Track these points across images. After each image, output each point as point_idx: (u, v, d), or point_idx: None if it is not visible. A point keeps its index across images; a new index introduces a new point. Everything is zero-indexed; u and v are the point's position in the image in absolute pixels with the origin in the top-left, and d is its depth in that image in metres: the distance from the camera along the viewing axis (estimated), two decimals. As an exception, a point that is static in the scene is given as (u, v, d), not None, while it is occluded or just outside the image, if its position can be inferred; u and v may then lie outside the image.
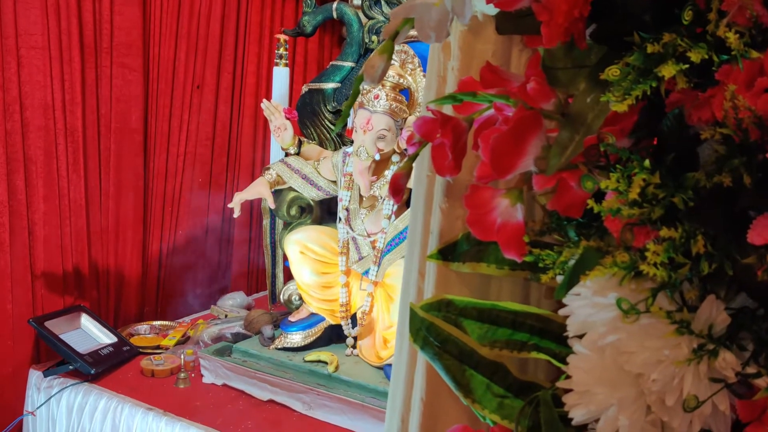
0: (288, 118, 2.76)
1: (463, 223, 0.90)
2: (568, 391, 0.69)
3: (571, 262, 0.66)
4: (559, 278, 0.68)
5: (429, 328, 0.85)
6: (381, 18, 2.90)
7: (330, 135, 3.05)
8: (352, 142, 2.94)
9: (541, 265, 0.71)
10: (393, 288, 2.51)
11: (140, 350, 2.86)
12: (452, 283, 0.90)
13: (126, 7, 2.95)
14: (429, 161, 0.94)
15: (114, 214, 3.07)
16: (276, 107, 2.76)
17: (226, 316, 3.19)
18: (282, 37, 3.12)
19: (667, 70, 0.54)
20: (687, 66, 0.55)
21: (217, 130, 3.52)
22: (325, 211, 2.93)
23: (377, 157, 2.51)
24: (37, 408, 2.62)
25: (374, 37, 2.91)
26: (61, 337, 2.66)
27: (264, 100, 2.80)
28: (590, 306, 0.65)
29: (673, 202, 0.58)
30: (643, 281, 0.61)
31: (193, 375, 2.69)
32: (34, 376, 2.69)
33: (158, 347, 2.90)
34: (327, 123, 3.04)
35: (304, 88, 3.08)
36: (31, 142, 2.67)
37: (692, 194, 0.58)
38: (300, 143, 2.82)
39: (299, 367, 2.56)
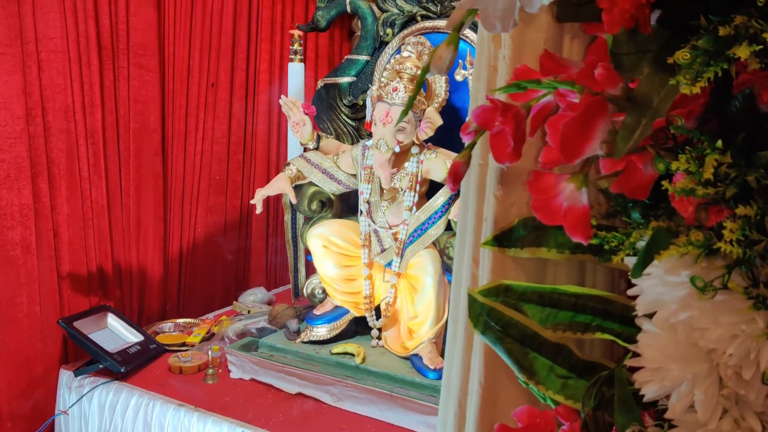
0: (306, 114, 2.77)
1: (518, 210, 0.91)
2: (635, 369, 0.71)
3: (641, 243, 0.68)
4: (628, 259, 0.70)
5: (490, 313, 0.86)
6: (395, 10, 2.91)
7: (347, 129, 3.06)
8: (370, 135, 2.96)
9: (606, 247, 0.73)
10: (416, 279, 2.53)
11: (166, 348, 2.89)
12: (508, 268, 0.92)
13: (141, 8, 2.96)
14: (481, 150, 0.95)
15: (135, 213, 3.09)
16: (294, 103, 2.78)
17: (249, 311, 3.22)
18: (296, 32, 3.14)
19: (742, 52, 0.56)
20: (760, 47, 0.56)
21: (233, 127, 3.54)
22: (345, 205, 2.94)
23: (397, 149, 2.53)
24: (70, 407, 2.65)
25: (389, 30, 2.93)
26: (90, 336, 2.68)
27: (282, 96, 2.81)
28: (661, 285, 0.66)
29: (746, 180, 0.59)
30: (714, 259, 0.63)
31: (220, 371, 2.71)
32: (65, 375, 2.72)
33: (184, 344, 2.93)
34: (344, 117, 3.06)
35: (320, 83, 3.10)
36: (53, 145, 2.69)
37: (764, 172, 0.59)
38: (319, 138, 2.83)
39: (326, 359, 2.58)
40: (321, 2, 3.05)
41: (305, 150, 2.90)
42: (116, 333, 2.85)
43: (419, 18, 2.86)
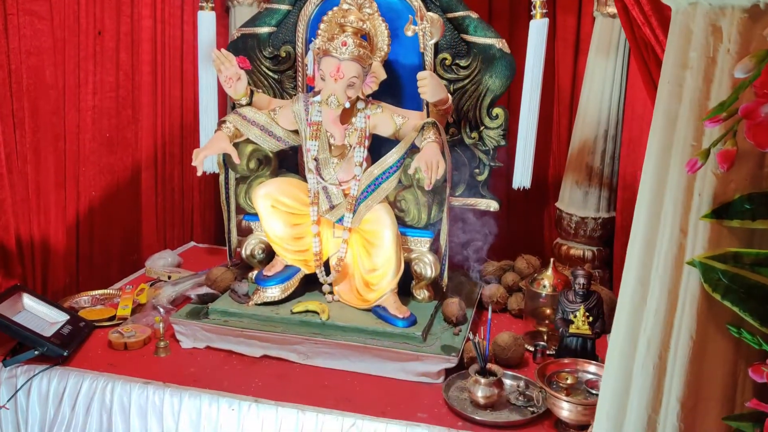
0: (242, 68, 2.65)
1: (736, 186, 1.04)
2: None
3: None
4: None
5: (733, 279, 1.00)
6: (318, -41, 2.84)
7: (268, 81, 2.97)
8: (293, 87, 2.91)
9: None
10: (373, 233, 2.58)
11: (95, 324, 2.68)
12: (724, 238, 1.05)
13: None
14: (695, 132, 1.06)
15: (34, 180, 2.77)
16: (227, 56, 2.64)
17: (169, 277, 3.06)
18: (206, -22, 2.93)
19: None
20: None
21: (120, 80, 3.24)
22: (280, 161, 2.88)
23: (347, 104, 2.53)
24: (7, 402, 2.38)
25: (312, -21, 2.85)
26: (16, 321, 2.42)
27: (214, 50, 2.65)
28: None
29: None
30: None
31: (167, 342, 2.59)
32: (-9, 368, 2.43)
33: (113, 318, 2.74)
34: (264, 69, 2.95)
35: (236, 33, 2.95)
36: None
37: None
38: (252, 93, 2.72)
39: (288, 319, 2.57)
40: (234, -54, 2.87)
41: (234, 106, 2.77)
42: (37, 314, 2.60)
43: (347, -32, 2.81)
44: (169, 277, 3.06)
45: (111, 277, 3.27)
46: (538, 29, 2.69)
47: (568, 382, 2.14)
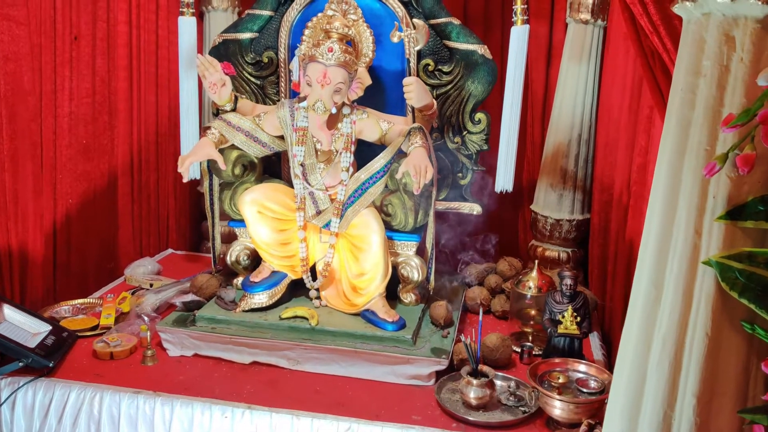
0: (227, 74, 2.64)
1: (750, 189, 1.09)
2: None
3: None
4: None
5: (750, 277, 1.04)
6: (301, -34, 2.84)
7: (250, 87, 2.96)
8: (276, 93, 2.91)
9: None
10: (361, 238, 2.60)
11: (79, 334, 2.64)
12: (738, 238, 1.10)
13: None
14: (708, 137, 1.11)
15: (11, 188, 2.72)
16: (211, 62, 2.63)
17: (151, 285, 3.03)
18: (187, -17, 2.91)
19: None
20: None
21: (96, 85, 3.20)
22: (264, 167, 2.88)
23: (334, 110, 2.54)
24: (-8, 415, 2.33)
25: (295, -14, 2.85)
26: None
27: (198, 56, 2.64)
28: None
29: None
30: None
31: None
32: (-28, 381, 2.38)
33: (96, 328, 2.70)
34: (246, 75, 2.95)
35: (218, 39, 2.94)
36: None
37: None
38: (236, 99, 2.72)
39: (277, 325, 2.56)
40: (216, -48, 2.86)
41: (218, 112, 2.76)
42: (18, 325, 2.54)
43: (329, -26, 2.82)
44: (151, 285, 3.03)
45: (88, 286, 3.22)
46: (519, 35, 2.74)
47: (560, 381, 2.18)
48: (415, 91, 2.54)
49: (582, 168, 3.56)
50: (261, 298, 2.65)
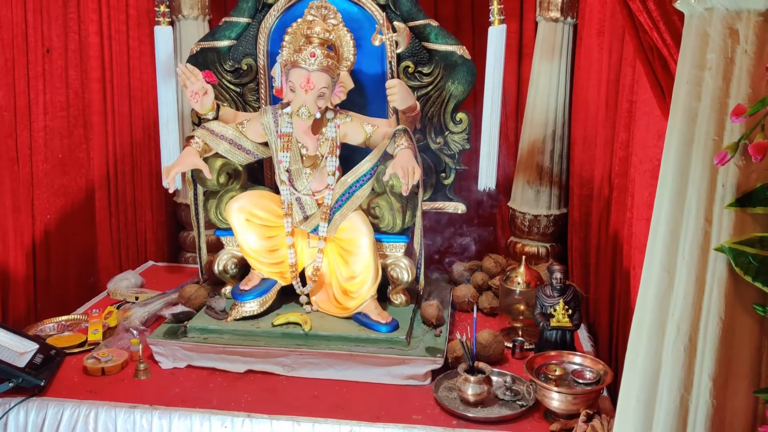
0: (208, 82, 2.62)
1: (758, 176, 1.13)
2: None
3: None
4: None
5: (763, 261, 1.08)
6: (278, -29, 2.84)
7: (229, 94, 2.95)
8: (256, 100, 2.91)
9: None
10: (350, 241, 2.60)
11: (67, 352, 2.60)
12: (748, 224, 1.14)
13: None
14: (715, 127, 1.14)
15: (-10, 206, 2.67)
16: (192, 71, 2.61)
17: (136, 298, 2.99)
18: (162, -8, 2.89)
19: None
20: None
21: (70, 98, 3.15)
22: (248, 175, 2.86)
23: (318, 115, 2.55)
24: (-16, 438, 2.28)
25: (272, -8, 2.85)
26: (-13, 354, 2.32)
27: (180, 65, 2.62)
28: None
29: None
30: None
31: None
32: (-39, 404, 2.32)
33: (84, 344, 2.66)
34: (225, 83, 2.93)
35: (196, 48, 2.91)
36: None
37: None
38: (218, 108, 2.70)
39: (270, 332, 2.56)
40: (191, -40, 2.85)
41: (200, 121, 2.75)
42: (5, 345, 2.48)
43: (306, -20, 2.83)
44: (136, 298, 2.99)
45: (69, 302, 3.16)
46: (496, 35, 2.77)
47: (557, 373, 2.22)
48: (399, 93, 2.56)
49: (557, 164, 3.62)
50: (252, 306, 2.64)
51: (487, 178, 2.93)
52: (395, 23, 2.63)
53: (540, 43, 3.55)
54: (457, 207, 2.96)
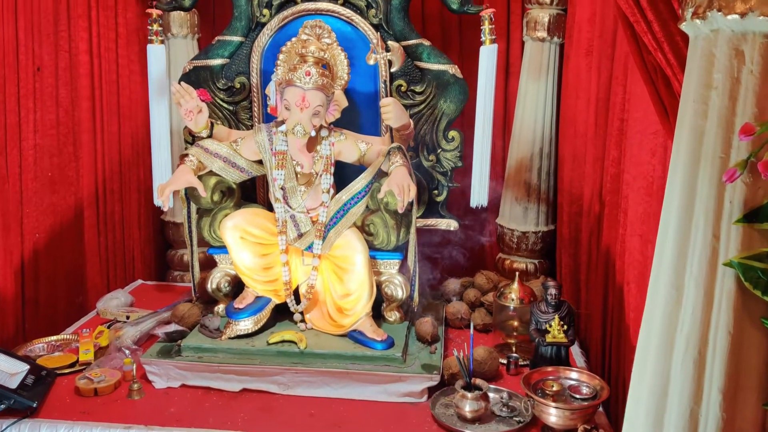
0: (203, 100, 2.63)
1: (764, 193, 1.16)
2: None
3: None
4: None
5: (772, 276, 1.11)
6: (271, -9, 2.86)
7: (222, 113, 2.95)
8: (249, 118, 2.92)
9: None
10: (345, 258, 2.61)
11: (58, 372, 2.56)
12: (755, 240, 1.17)
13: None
14: (722, 145, 1.17)
15: (-21, 225, 2.64)
16: (187, 90, 2.61)
17: (128, 317, 2.96)
18: (154, 11, 2.89)
19: None
20: None
21: (60, 116, 3.13)
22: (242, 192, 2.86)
23: (313, 133, 2.56)
24: (-24, 462, 2.24)
25: (265, 11, 2.86)
26: (-22, 375, 2.29)
27: (174, 83, 2.62)
28: None
29: None
30: None
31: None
32: (-47, 427, 2.28)
33: (75, 364, 2.62)
34: (218, 101, 2.94)
35: (188, 66, 2.92)
36: None
37: None
38: (212, 126, 2.71)
39: (265, 351, 2.55)
40: (184, -21, 2.86)
41: (194, 139, 2.75)
42: (-5, 366, 2.45)
43: (299, 0, 2.85)
44: (127, 317, 2.96)
45: (58, 322, 3.12)
46: (488, 54, 2.81)
47: (554, 389, 2.24)
48: (393, 112, 2.58)
49: (545, 181, 3.66)
50: (246, 325, 2.63)
51: (479, 196, 2.96)
52: (389, 43, 2.66)
53: (527, 62, 3.60)
54: (450, 224, 2.98)
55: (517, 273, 2.85)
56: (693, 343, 1.22)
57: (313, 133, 2.55)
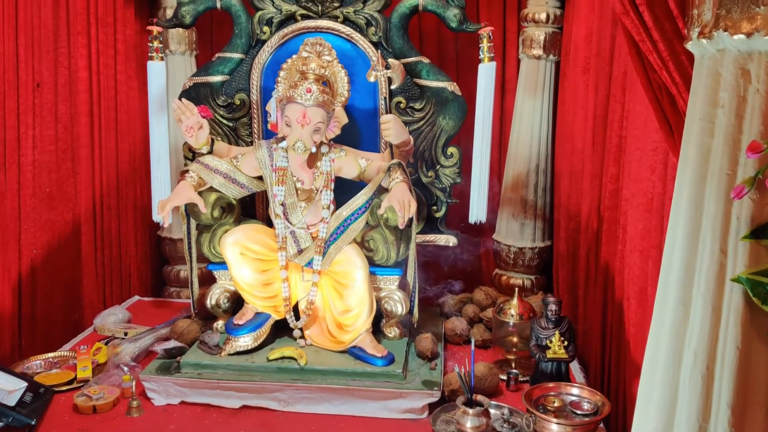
0: (204, 117, 2.64)
1: (771, 209, 1.17)
2: None
3: None
4: None
5: (780, 291, 1.12)
6: (272, 9, 2.87)
7: (222, 129, 2.96)
8: (249, 135, 2.93)
9: None
10: (345, 274, 2.61)
11: (55, 389, 2.55)
12: (762, 255, 1.18)
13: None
14: (729, 162, 1.19)
15: (-22, 241, 2.62)
16: (188, 106, 2.62)
17: (126, 334, 2.95)
18: (155, 29, 2.90)
19: None
20: None
21: (59, 132, 3.13)
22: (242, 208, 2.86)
23: (314, 149, 2.57)
24: (-28, 480, 2.22)
25: (266, 29, 2.88)
26: (-24, 392, 2.27)
27: (175, 100, 2.63)
28: None
29: None
30: None
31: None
32: (-48, 445, 2.26)
33: (73, 381, 2.61)
34: (218, 117, 2.95)
35: (189, 83, 2.93)
36: None
37: None
38: (212, 142, 2.71)
39: (265, 367, 2.54)
40: (184, -3, 2.87)
41: (194, 155, 2.76)
42: (-7, 383, 2.43)
43: (299, 17, 2.87)
44: (125, 334, 2.95)
45: (54, 339, 3.10)
46: (486, 72, 2.84)
47: (555, 405, 2.24)
48: (393, 128, 2.60)
49: (541, 197, 3.68)
50: (246, 341, 2.62)
51: (478, 211, 2.97)
52: (390, 60, 2.68)
53: (523, 79, 3.63)
54: (449, 240, 2.99)
55: (516, 289, 2.85)
56: (701, 358, 1.23)
57: (313, 150, 2.57)
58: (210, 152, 2.71)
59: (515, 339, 2.73)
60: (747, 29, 1.12)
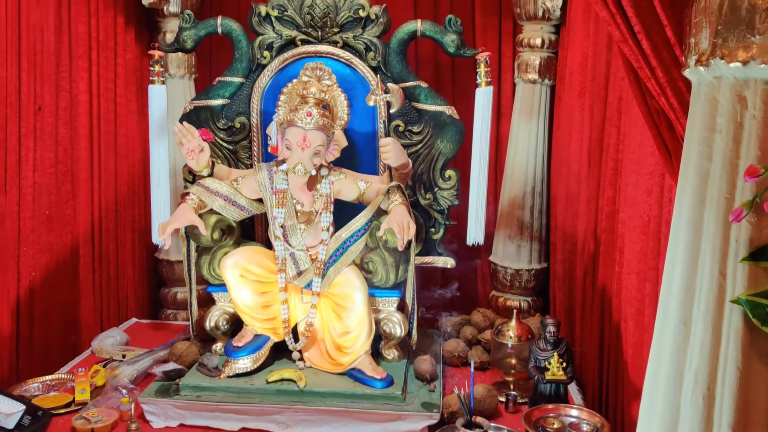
0: (205, 140, 2.66)
1: (768, 232, 1.20)
2: None
3: None
4: None
5: (780, 313, 1.14)
6: (272, 34, 2.91)
7: (222, 152, 2.99)
8: (249, 158, 2.95)
9: None
10: (344, 296, 2.63)
11: (53, 412, 2.54)
12: (761, 277, 1.20)
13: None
14: (727, 186, 1.22)
15: (-22, 263, 2.63)
16: (189, 129, 2.65)
17: (124, 356, 2.94)
18: (156, 53, 2.94)
19: None
20: None
21: (59, 155, 3.15)
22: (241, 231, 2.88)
23: (314, 172, 2.60)
24: (-30, 504, 2.20)
25: (266, 53, 2.92)
26: (-25, 415, 2.26)
27: (176, 123, 2.66)
28: None
29: None
30: None
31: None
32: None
33: (71, 404, 2.60)
34: (218, 140, 2.97)
35: (189, 106, 2.96)
36: None
37: None
38: (213, 164, 2.74)
39: (264, 389, 2.54)
40: (186, 22, 2.91)
41: (194, 178, 2.78)
42: (-9, 406, 2.42)
43: (299, 42, 2.91)
44: (123, 356, 2.95)
45: (52, 361, 3.09)
46: (484, 96, 2.88)
47: (555, 426, 2.25)
48: (393, 151, 2.63)
49: (537, 219, 3.71)
50: (245, 363, 2.62)
51: (476, 233, 3.00)
52: (389, 84, 2.72)
53: (519, 103, 3.68)
54: (447, 261, 3.01)
55: (514, 311, 2.87)
56: (702, 379, 1.25)
57: (313, 172, 2.59)
58: (210, 175, 2.73)
59: (514, 361, 2.74)
60: (743, 57, 1.15)
